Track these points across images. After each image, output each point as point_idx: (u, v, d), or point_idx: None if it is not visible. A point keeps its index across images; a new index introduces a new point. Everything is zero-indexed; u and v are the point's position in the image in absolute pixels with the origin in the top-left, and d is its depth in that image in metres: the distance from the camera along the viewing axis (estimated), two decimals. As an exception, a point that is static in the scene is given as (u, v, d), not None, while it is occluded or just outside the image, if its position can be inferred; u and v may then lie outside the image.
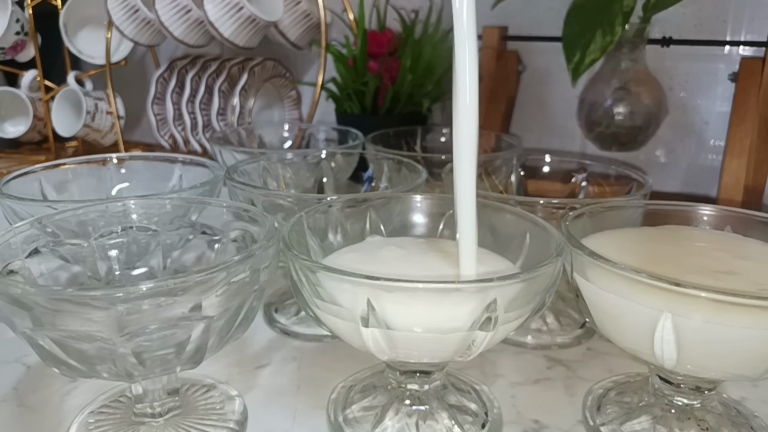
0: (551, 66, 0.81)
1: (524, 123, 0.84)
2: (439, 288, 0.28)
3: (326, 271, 0.30)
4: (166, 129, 1.00)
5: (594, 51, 0.58)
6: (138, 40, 0.89)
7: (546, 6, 0.79)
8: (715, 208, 0.40)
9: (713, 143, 0.74)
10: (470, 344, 0.31)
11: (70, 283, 0.38)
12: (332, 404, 0.38)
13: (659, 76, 0.70)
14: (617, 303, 0.31)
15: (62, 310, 0.28)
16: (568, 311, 0.50)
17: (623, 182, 0.50)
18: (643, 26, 0.64)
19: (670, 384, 0.35)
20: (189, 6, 0.81)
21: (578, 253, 0.33)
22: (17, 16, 0.93)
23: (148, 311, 0.28)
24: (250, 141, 0.74)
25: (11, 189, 0.45)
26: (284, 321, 0.49)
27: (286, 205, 0.43)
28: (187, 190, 0.47)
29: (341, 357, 0.44)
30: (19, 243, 0.35)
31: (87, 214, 0.39)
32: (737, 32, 0.70)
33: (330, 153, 0.59)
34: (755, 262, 0.35)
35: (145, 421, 0.35)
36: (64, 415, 0.38)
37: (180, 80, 0.98)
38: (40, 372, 0.42)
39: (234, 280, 0.30)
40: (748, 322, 0.28)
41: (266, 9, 0.81)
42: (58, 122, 0.97)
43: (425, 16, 0.81)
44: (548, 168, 0.56)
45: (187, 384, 0.40)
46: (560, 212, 0.42)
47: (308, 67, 1.00)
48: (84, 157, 0.53)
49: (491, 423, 0.37)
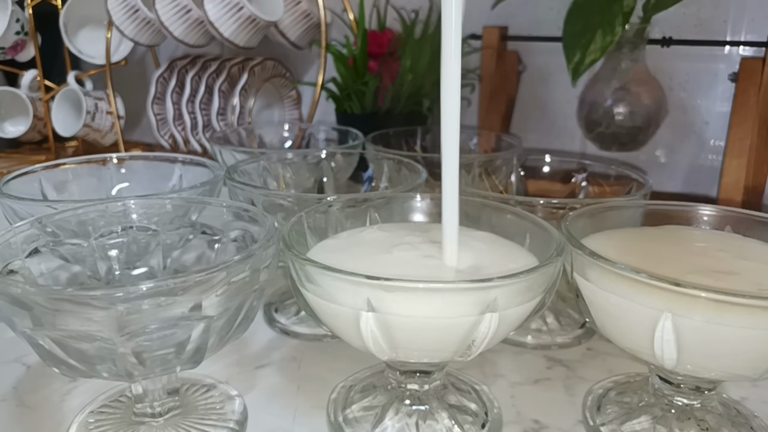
0: (551, 66, 0.81)
1: (524, 123, 0.84)
2: (439, 288, 0.28)
3: (326, 271, 0.30)
4: (166, 129, 1.00)
5: (594, 51, 0.58)
6: (138, 39, 0.89)
7: (546, 6, 0.79)
8: (715, 208, 0.40)
9: (713, 143, 0.74)
10: (470, 344, 0.31)
11: (70, 283, 0.38)
12: (332, 404, 0.38)
13: (659, 76, 0.70)
14: (617, 303, 0.31)
15: (62, 309, 0.28)
16: (568, 311, 0.50)
17: (623, 182, 0.50)
18: (643, 26, 0.64)
19: (670, 384, 0.35)
20: (189, 6, 0.81)
21: (578, 253, 0.33)
22: (17, 16, 0.93)
23: (148, 311, 0.28)
24: (250, 141, 0.74)
25: (11, 189, 0.45)
26: (284, 321, 0.49)
27: (286, 205, 0.43)
28: (187, 190, 0.47)
29: (341, 357, 0.44)
30: (19, 243, 0.35)
31: (87, 214, 0.39)
32: (737, 32, 0.70)
33: (330, 153, 0.59)
34: (755, 262, 0.35)
35: (145, 421, 0.35)
36: (63, 415, 0.38)
37: (180, 80, 0.98)
38: (40, 372, 0.42)
39: (234, 280, 0.30)
40: (748, 322, 0.28)
41: (266, 9, 0.81)
42: (58, 122, 0.97)
43: (425, 16, 0.81)
44: (548, 168, 0.56)
45: (187, 384, 0.40)
46: (560, 212, 0.42)
47: (308, 67, 1.00)
48: (84, 157, 0.53)
49: (491, 423, 0.37)
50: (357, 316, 0.30)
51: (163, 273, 0.40)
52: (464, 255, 0.34)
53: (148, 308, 0.28)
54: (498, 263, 0.35)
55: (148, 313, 0.28)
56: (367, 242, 0.37)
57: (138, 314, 0.28)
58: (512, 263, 0.34)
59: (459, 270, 0.33)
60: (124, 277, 0.40)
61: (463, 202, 0.41)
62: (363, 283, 0.29)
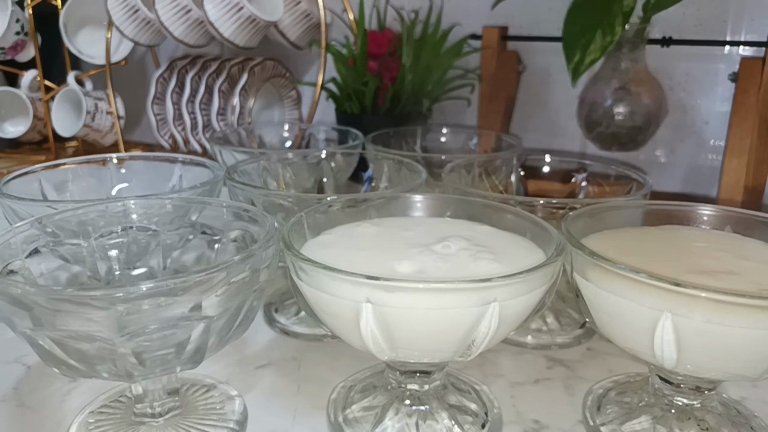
0: (551, 66, 0.81)
1: (524, 123, 0.84)
2: (439, 288, 0.28)
3: (326, 270, 0.30)
4: (166, 129, 1.00)
5: (594, 51, 0.58)
6: (138, 40, 0.89)
7: (546, 6, 0.79)
8: (715, 208, 0.40)
9: (713, 143, 0.74)
10: (470, 344, 0.31)
11: (70, 283, 0.38)
12: (332, 404, 0.38)
13: (659, 76, 0.70)
14: (617, 303, 0.31)
15: (62, 310, 0.28)
16: (568, 311, 0.50)
17: (623, 182, 0.50)
18: (643, 26, 0.64)
19: (670, 384, 0.35)
20: (189, 6, 0.81)
21: (578, 253, 0.33)
22: (17, 16, 0.93)
23: (148, 311, 0.28)
24: (250, 141, 0.74)
25: (11, 189, 0.45)
26: (284, 321, 0.49)
27: (286, 205, 0.43)
28: (187, 190, 0.47)
29: (341, 357, 0.44)
30: (19, 243, 0.35)
31: (87, 214, 0.39)
32: (737, 32, 0.70)
33: (330, 153, 0.59)
34: (755, 262, 0.35)
35: (145, 421, 0.35)
36: (64, 415, 0.38)
37: (180, 80, 0.98)
38: (40, 372, 0.42)
39: (234, 280, 0.30)
40: (748, 322, 0.28)
41: (266, 9, 0.81)
42: (58, 122, 0.97)
43: (425, 16, 0.81)
44: (548, 168, 0.56)
45: (187, 384, 0.40)
46: (560, 212, 0.42)
47: (308, 67, 1.00)
48: (84, 157, 0.53)
49: (491, 423, 0.37)
50: (357, 317, 0.30)
51: (163, 273, 0.40)
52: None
53: (148, 308, 0.28)
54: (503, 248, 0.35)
55: (148, 314, 0.28)
56: (360, 237, 0.37)
57: (138, 314, 0.28)
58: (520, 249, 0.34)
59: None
60: (124, 278, 0.40)
61: (463, 202, 0.41)
62: (362, 283, 0.29)
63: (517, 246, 0.36)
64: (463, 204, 0.41)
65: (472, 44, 0.82)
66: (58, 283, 0.38)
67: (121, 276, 0.40)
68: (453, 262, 0.33)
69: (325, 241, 0.37)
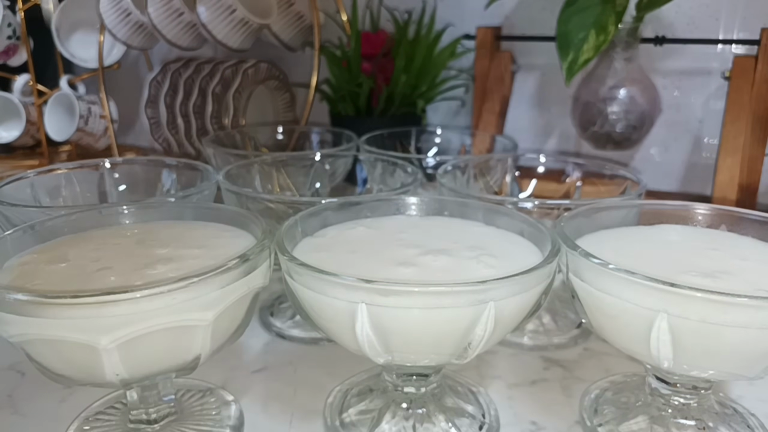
0: (545, 66, 0.81)
1: (519, 123, 0.84)
2: (434, 291, 0.28)
3: (321, 274, 0.30)
4: (159, 132, 0.99)
5: (588, 50, 0.58)
6: (131, 43, 0.89)
7: (540, 6, 0.79)
8: (709, 207, 0.40)
9: (707, 141, 0.74)
10: (467, 346, 0.30)
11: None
12: (329, 408, 0.38)
13: (653, 75, 0.70)
14: (613, 303, 0.31)
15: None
16: (564, 312, 0.50)
17: (618, 182, 0.50)
18: (636, 25, 0.65)
19: (667, 384, 0.35)
20: (181, 9, 0.80)
21: (573, 253, 0.33)
22: (9, 20, 0.93)
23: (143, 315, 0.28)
24: (244, 144, 0.73)
25: (4, 195, 0.45)
26: (280, 324, 0.49)
27: (280, 209, 0.43)
28: (181, 194, 0.46)
29: (337, 360, 0.44)
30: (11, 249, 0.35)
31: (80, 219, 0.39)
32: (730, 31, 0.70)
33: (324, 155, 0.59)
34: (750, 261, 0.35)
35: (140, 428, 0.35)
36: (59, 423, 0.37)
37: (173, 83, 0.97)
38: (35, 379, 0.42)
39: (229, 285, 0.30)
40: (743, 322, 0.28)
41: (259, 11, 0.81)
42: (51, 126, 0.96)
43: (418, 17, 0.81)
44: (543, 168, 0.56)
45: (182, 389, 0.40)
46: (555, 212, 0.42)
47: (302, 69, 1.00)
48: (77, 162, 0.53)
49: (488, 425, 0.37)
50: (353, 320, 0.29)
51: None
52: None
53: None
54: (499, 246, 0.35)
55: (144, 317, 0.28)
56: (359, 240, 0.37)
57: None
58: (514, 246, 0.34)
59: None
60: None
61: (458, 203, 0.41)
62: (358, 287, 0.29)
63: (513, 245, 0.36)
64: (458, 205, 0.41)
65: (465, 44, 0.82)
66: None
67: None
68: (449, 263, 0.33)
69: (319, 244, 0.37)
